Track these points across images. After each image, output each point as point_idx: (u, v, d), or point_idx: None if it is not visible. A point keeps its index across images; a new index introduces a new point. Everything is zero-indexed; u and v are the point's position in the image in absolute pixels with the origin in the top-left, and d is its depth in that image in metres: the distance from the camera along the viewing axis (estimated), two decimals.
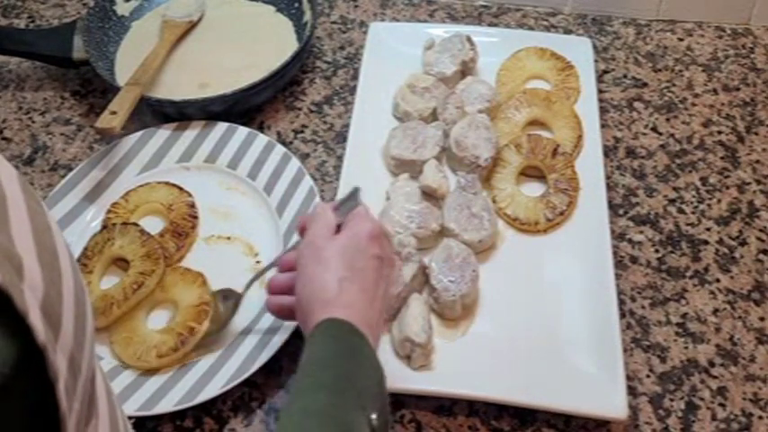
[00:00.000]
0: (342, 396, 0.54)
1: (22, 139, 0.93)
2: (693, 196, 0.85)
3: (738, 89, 0.96)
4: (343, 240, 0.63)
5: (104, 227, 0.80)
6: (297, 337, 0.72)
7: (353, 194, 0.70)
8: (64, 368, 0.31)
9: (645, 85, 0.96)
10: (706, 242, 0.82)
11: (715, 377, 0.72)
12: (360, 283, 0.61)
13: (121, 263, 0.78)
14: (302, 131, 0.92)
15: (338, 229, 0.65)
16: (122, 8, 1.01)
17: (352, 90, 0.94)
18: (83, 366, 0.34)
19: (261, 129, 0.91)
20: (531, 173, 0.85)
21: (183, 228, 0.80)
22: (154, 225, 0.81)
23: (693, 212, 0.84)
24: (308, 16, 0.98)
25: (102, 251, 0.77)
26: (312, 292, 0.61)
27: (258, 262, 0.79)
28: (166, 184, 0.84)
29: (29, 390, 0.30)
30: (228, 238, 0.81)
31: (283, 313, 0.68)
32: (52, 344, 0.30)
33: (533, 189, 0.83)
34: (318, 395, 0.54)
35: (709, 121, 0.93)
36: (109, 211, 0.82)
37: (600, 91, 0.93)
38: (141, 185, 0.84)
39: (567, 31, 1.03)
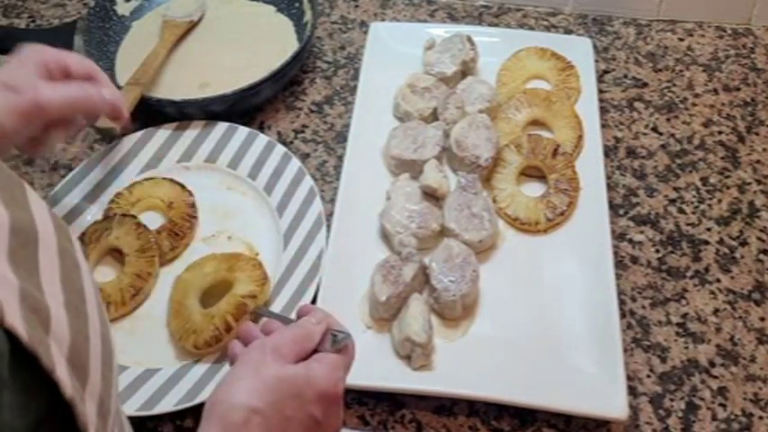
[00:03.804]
0: None
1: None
2: (694, 196, 0.85)
3: (739, 89, 0.96)
4: (291, 374, 0.54)
5: (105, 216, 0.81)
6: None
7: (347, 336, 0.58)
8: (93, 414, 0.31)
9: (645, 85, 0.96)
10: (706, 242, 0.82)
11: (715, 377, 0.72)
12: (271, 430, 0.52)
13: (117, 254, 0.78)
14: (302, 131, 0.92)
15: (313, 352, 0.57)
16: (123, 8, 1.01)
17: (353, 90, 0.94)
18: (111, 406, 0.33)
19: (261, 129, 0.91)
20: (531, 173, 0.85)
21: (180, 228, 0.80)
22: (154, 220, 0.81)
23: (694, 212, 0.84)
24: (308, 16, 0.98)
25: (98, 240, 0.78)
26: (220, 399, 0.53)
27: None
28: (170, 180, 0.84)
29: None
30: (229, 238, 0.81)
31: (238, 344, 0.61)
32: (80, 394, 0.30)
33: (534, 189, 0.83)
34: None
35: (709, 121, 0.93)
36: (111, 201, 0.82)
37: (600, 91, 0.93)
38: (147, 179, 0.84)
39: (568, 31, 1.03)
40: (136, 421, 0.67)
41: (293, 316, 0.67)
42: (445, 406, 0.70)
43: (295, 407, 0.53)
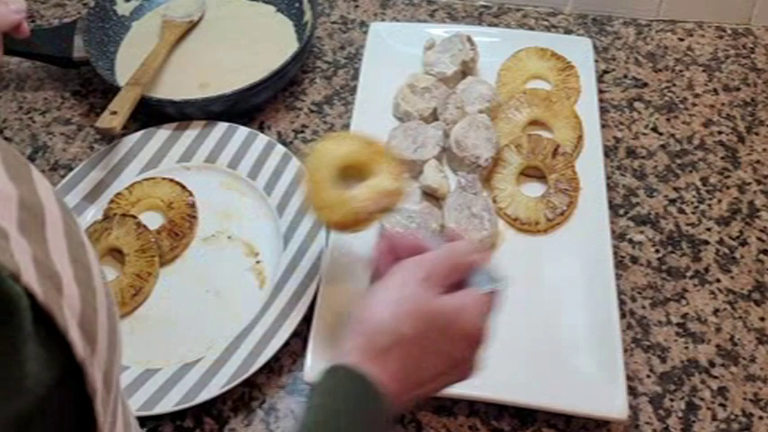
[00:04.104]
0: None
1: (23, 138, 0.93)
2: (694, 196, 0.85)
3: (739, 89, 0.96)
4: (442, 307, 0.52)
5: (105, 216, 0.81)
6: (297, 337, 0.73)
7: (503, 281, 0.56)
8: (99, 383, 0.31)
9: (645, 85, 0.96)
10: (706, 242, 0.82)
11: (715, 377, 0.72)
12: (415, 361, 0.51)
13: (117, 254, 0.79)
14: (302, 131, 0.92)
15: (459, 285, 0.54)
16: (122, 8, 1.01)
17: (353, 90, 0.94)
18: (113, 381, 0.34)
19: (261, 129, 0.91)
20: (531, 173, 0.84)
21: (180, 228, 0.80)
22: (154, 220, 0.81)
23: (694, 212, 0.84)
24: (308, 16, 0.98)
25: (98, 240, 0.78)
26: (369, 318, 0.52)
27: (258, 262, 0.79)
28: (170, 180, 0.84)
29: (68, 405, 0.31)
30: (228, 238, 0.81)
31: (385, 256, 0.57)
32: (90, 359, 0.31)
33: (533, 189, 0.83)
34: None
35: (709, 122, 0.93)
36: (111, 201, 0.82)
37: (600, 91, 0.93)
38: (146, 179, 0.84)
39: (568, 31, 1.03)
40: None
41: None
42: (445, 406, 0.70)
43: (438, 341, 0.52)
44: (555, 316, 0.74)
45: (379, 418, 0.50)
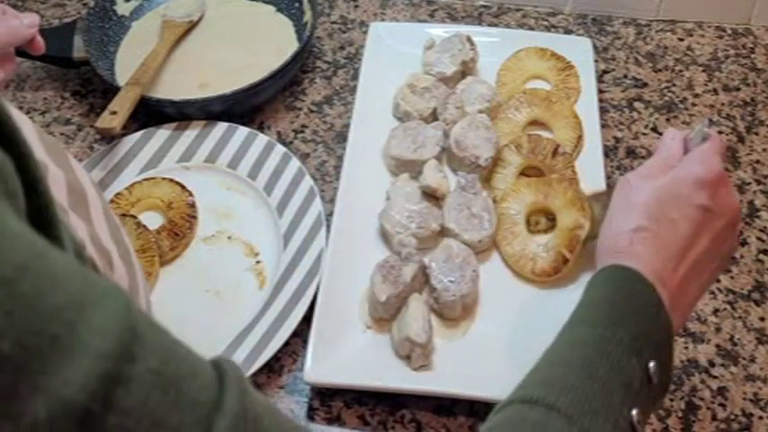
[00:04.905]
0: (613, 333, 0.49)
1: None
2: None
3: (739, 89, 0.96)
4: (660, 183, 0.55)
5: None
6: (297, 337, 0.73)
7: (704, 124, 0.60)
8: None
9: (645, 85, 0.96)
10: None
11: (715, 377, 0.72)
12: (662, 238, 0.53)
13: None
14: (302, 131, 0.92)
15: None
16: (122, 8, 1.01)
17: (353, 90, 0.94)
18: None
19: (261, 129, 0.91)
20: (531, 173, 0.84)
21: (180, 228, 0.80)
22: (154, 220, 0.81)
23: None
24: (308, 16, 0.98)
25: None
26: (606, 236, 0.56)
27: (258, 262, 0.79)
28: (170, 180, 0.84)
29: None
30: (229, 238, 0.81)
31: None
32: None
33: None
34: (587, 329, 0.50)
35: (709, 122, 0.92)
36: (111, 201, 0.82)
37: (600, 91, 0.93)
38: (146, 179, 0.84)
39: (568, 31, 1.03)
40: None
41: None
42: (445, 406, 0.70)
43: (677, 206, 0.53)
44: (555, 316, 0.74)
45: (641, 287, 0.51)
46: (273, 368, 0.72)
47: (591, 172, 0.83)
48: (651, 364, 0.49)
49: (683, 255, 0.53)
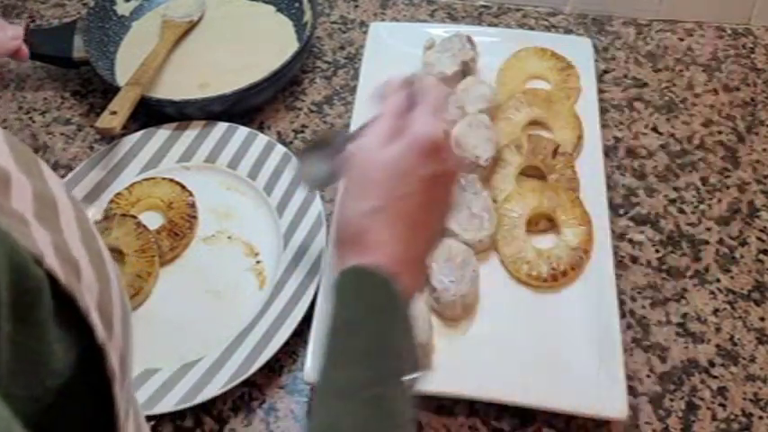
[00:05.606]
0: (377, 367, 0.48)
1: (23, 138, 0.92)
2: (694, 196, 0.85)
3: (739, 89, 0.96)
4: (390, 156, 0.53)
5: (105, 216, 0.81)
6: (297, 337, 0.73)
7: (413, 77, 0.58)
8: (117, 368, 0.32)
9: (645, 85, 0.96)
10: (706, 242, 0.82)
11: (715, 377, 0.72)
12: (396, 216, 0.52)
13: (117, 254, 0.79)
14: (302, 131, 0.92)
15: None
16: (122, 8, 1.01)
17: (353, 90, 0.94)
18: (128, 369, 0.34)
19: (261, 129, 0.91)
20: (531, 173, 0.84)
21: (180, 228, 0.80)
22: (154, 220, 0.81)
23: (694, 212, 0.84)
24: (308, 16, 0.98)
25: None
26: (342, 224, 0.54)
27: (258, 262, 0.79)
28: (170, 180, 0.84)
29: (86, 388, 0.31)
30: (229, 238, 0.81)
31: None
32: (108, 343, 0.31)
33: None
34: (351, 370, 0.48)
35: (709, 121, 0.93)
36: (111, 201, 0.82)
37: (600, 91, 0.93)
38: (146, 179, 0.84)
39: (568, 31, 1.03)
40: None
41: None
42: (445, 406, 0.70)
43: (406, 180, 0.52)
44: (555, 316, 0.74)
45: (387, 296, 0.50)
46: (273, 368, 0.72)
47: (591, 172, 0.83)
48: (409, 377, 0.49)
49: (415, 228, 0.53)
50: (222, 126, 0.88)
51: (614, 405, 0.66)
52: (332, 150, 0.65)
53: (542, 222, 0.80)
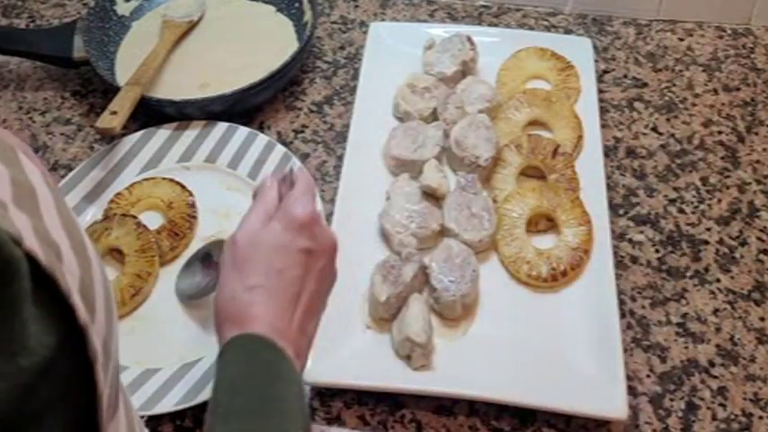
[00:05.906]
0: (260, 424, 0.50)
1: (23, 138, 0.92)
2: (694, 196, 0.85)
3: (739, 89, 0.96)
4: (264, 236, 0.57)
5: (105, 216, 0.81)
6: None
7: (291, 169, 0.64)
8: (99, 350, 0.32)
9: (645, 85, 0.96)
10: (706, 242, 0.82)
11: (715, 377, 0.72)
12: (276, 290, 0.55)
13: (117, 254, 0.79)
14: (302, 131, 0.92)
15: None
16: (122, 8, 1.01)
17: (353, 90, 0.94)
18: (112, 352, 0.34)
19: (261, 129, 0.91)
20: (531, 173, 0.84)
21: (180, 228, 0.80)
22: (154, 220, 0.81)
23: (694, 212, 0.84)
24: (308, 16, 0.98)
25: (98, 240, 0.78)
26: (222, 302, 0.57)
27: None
28: (170, 180, 0.84)
29: (68, 371, 0.31)
30: None
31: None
32: (90, 326, 0.31)
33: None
34: (233, 426, 0.49)
35: (709, 121, 0.93)
36: (111, 201, 0.82)
37: (600, 91, 0.93)
38: (146, 179, 0.84)
39: (568, 31, 1.03)
40: None
41: None
42: (445, 406, 0.70)
43: (283, 255, 0.56)
44: (555, 316, 0.74)
45: (272, 357, 0.52)
46: None
47: (591, 172, 0.83)
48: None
49: (296, 301, 0.56)
50: (222, 126, 0.88)
51: (614, 405, 0.66)
52: (211, 263, 0.70)
53: (542, 222, 0.80)
